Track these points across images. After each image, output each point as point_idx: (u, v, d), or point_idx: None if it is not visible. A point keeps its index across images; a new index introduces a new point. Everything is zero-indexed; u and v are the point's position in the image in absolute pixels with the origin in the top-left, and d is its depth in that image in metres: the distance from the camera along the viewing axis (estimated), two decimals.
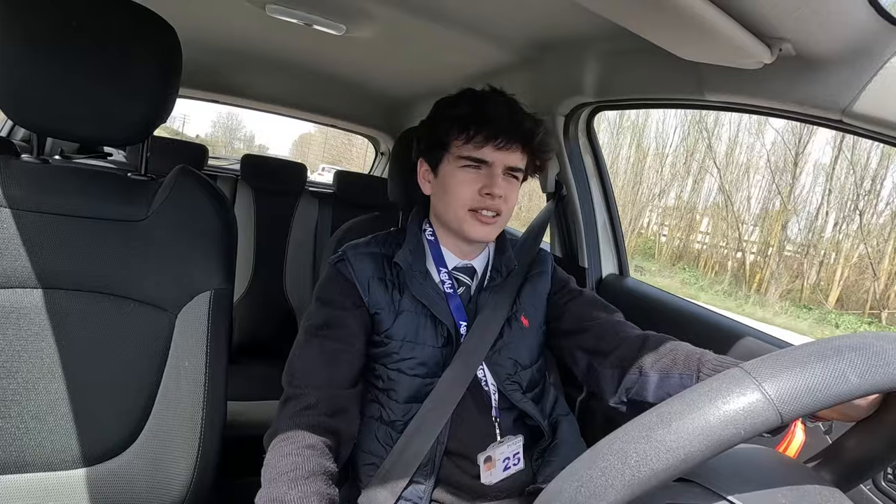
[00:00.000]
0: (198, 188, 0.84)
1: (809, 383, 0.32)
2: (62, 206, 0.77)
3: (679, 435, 0.31)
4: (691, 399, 0.33)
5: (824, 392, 0.32)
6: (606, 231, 1.39)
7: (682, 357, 0.74)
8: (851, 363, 0.33)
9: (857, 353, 0.33)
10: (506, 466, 0.81)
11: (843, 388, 0.32)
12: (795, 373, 0.32)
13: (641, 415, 0.34)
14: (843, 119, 0.71)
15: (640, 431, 0.32)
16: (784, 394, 0.31)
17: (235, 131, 27.13)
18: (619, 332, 0.83)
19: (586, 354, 0.85)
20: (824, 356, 0.33)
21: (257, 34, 1.51)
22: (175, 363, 0.80)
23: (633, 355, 0.79)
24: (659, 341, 0.79)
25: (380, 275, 0.83)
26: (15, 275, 0.74)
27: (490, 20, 1.11)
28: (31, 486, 0.75)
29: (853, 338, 0.35)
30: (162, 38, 0.78)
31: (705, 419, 0.31)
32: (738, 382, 0.32)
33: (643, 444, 0.31)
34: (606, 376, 0.81)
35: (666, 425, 0.32)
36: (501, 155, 0.80)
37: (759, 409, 0.31)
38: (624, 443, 0.32)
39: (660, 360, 0.76)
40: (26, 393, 0.75)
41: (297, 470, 0.64)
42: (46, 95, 0.72)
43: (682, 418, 0.32)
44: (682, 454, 0.30)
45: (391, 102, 2.08)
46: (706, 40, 0.70)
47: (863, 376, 0.32)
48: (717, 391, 0.32)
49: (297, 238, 2.07)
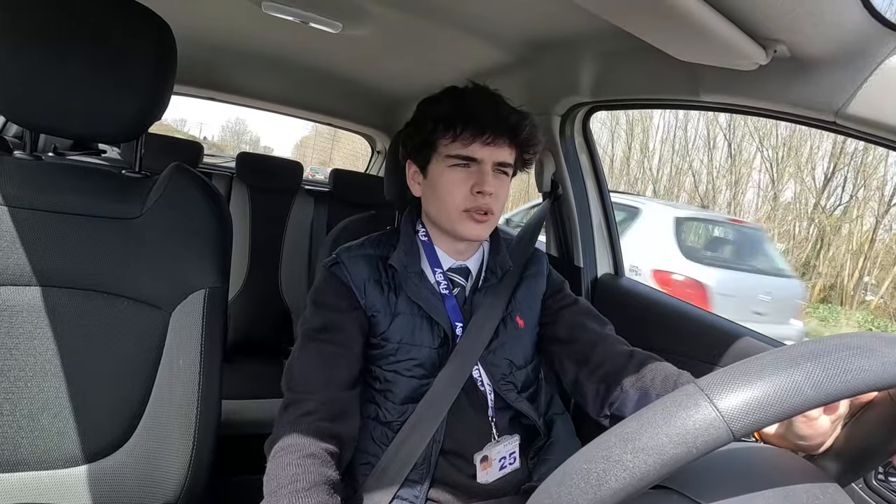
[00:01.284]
0: (192, 186, 0.84)
1: (760, 398, 0.31)
2: (56, 203, 0.77)
3: (635, 455, 0.31)
4: (647, 418, 0.33)
5: (777, 406, 0.31)
6: (602, 231, 1.39)
7: (660, 377, 0.75)
8: (807, 374, 0.32)
9: (813, 362, 0.32)
10: (502, 466, 0.82)
11: (798, 400, 0.31)
12: (748, 387, 0.32)
13: (604, 433, 0.34)
14: (837, 121, 0.71)
15: (600, 451, 0.33)
16: (735, 409, 0.31)
17: (242, 135, 27.77)
18: (608, 348, 0.84)
19: (574, 366, 0.85)
20: (779, 367, 0.33)
21: (253, 31, 1.50)
22: (169, 361, 0.80)
23: (617, 372, 0.80)
24: (643, 360, 0.80)
25: (375, 277, 0.83)
26: (7, 272, 0.74)
27: (486, 19, 1.11)
28: (25, 484, 0.75)
29: (812, 345, 0.34)
30: (157, 34, 0.77)
31: (657, 439, 0.31)
32: (691, 399, 0.32)
33: (602, 464, 0.32)
34: (591, 391, 0.82)
35: (623, 444, 0.32)
36: (490, 151, 0.80)
37: (710, 426, 0.31)
38: (587, 462, 0.33)
39: (640, 379, 0.77)
40: (19, 391, 0.74)
41: (298, 482, 0.64)
42: (39, 91, 0.71)
43: (637, 438, 0.32)
44: (637, 473, 0.31)
45: (387, 101, 2.07)
46: (702, 41, 0.70)
47: (818, 387, 0.32)
48: (670, 409, 0.32)
49: (293, 237, 2.07)
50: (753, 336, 1.00)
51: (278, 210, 2.06)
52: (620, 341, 0.86)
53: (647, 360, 0.80)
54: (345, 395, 0.77)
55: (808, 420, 0.47)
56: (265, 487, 0.66)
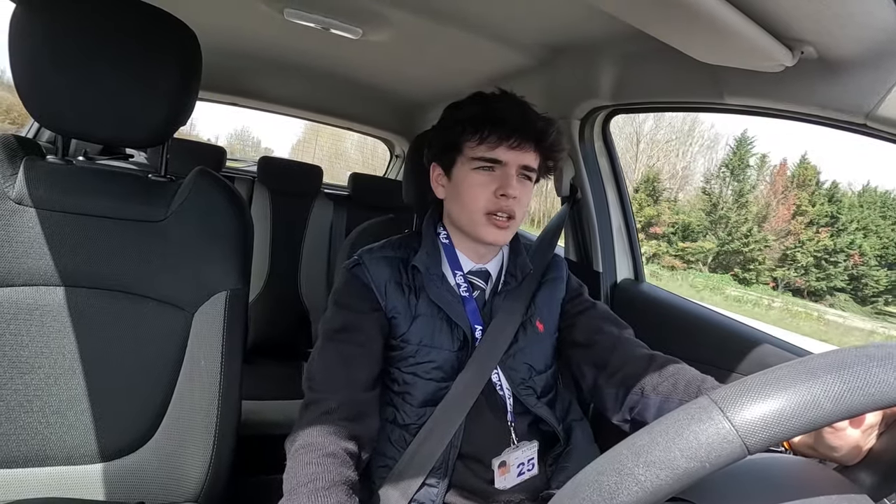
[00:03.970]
0: (216, 189, 0.86)
1: (777, 411, 0.30)
2: (85, 205, 0.79)
3: (647, 468, 0.30)
4: (659, 431, 0.32)
5: (795, 420, 0.30)
6: (622, 235, 1.37)
7: (683, 382, 0.74)
8: (825, 386, 0.31)
9: (833, 375, 0.31)
10: (520, 472, 0.81)
11: (816, 414, 0.30)
12: (764, 400, 0.31)
13: (617, 445, 0.34)
14: (868, 123, 0.69)
15: (612, 464, 0.32)
16: (750, 424, 0.30)
17: (245, 139, 29.64)
18: (627, 351, 0.83)
19: (593, 369, 0.84)
20: (796, 380, 0.31)
21: (275, 38, 1.53)
22: (191, 362, 0.82)
23: (637, 375, 0.78)
24: (664, 363, 0.78)
25: (396, 279, 0.83)
26: (39, 273, 0.76)
27: (505, 24, 1.11)
28: (52, 478, 0.77)
29: (831, 356, 0.33)
30: (183, 42, 0.79)
31: (670, 453, 0.30)
32: (704, 412, 0.31)
33: (615, 477, 0.31)
34: (610, 395, 0.81)
35: (635, 458, 0.31)
36: (515, 154, 0.80)
37: (724, 441, 0.30)
38: (599, 474, 0.32)
39: (662, 383, 0.75)
40: (48, 388, 0.77)
41: (316, 481, 0.64)
42: (71, 99, 0.74)
43: (649, 451, 0.31)
44: (649, 487, 0.30)
45: (406, 105, 2.09)
46: (725, 43, 0.69)
47: (837, 401, 0.30)
48: (682, 422, 0.32)
49: (312, 239, 2.09)
50: (777, 344, 0.98)
51: (298, 213, 2.09)
52: (640, 345, 0.85)
53: (667, 363, 0.78)
54: (365, 396, 0.77)
55: (835, 431, 0.46)
56: (284, 485, 0.66)
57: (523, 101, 0.83)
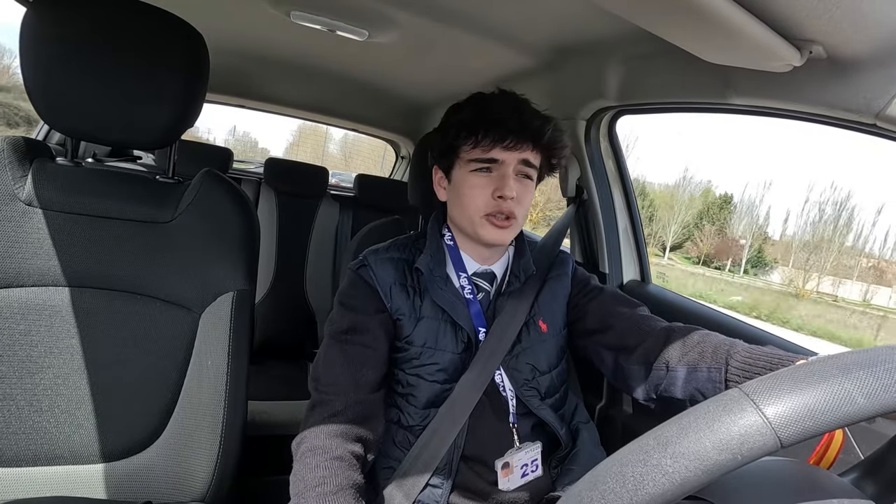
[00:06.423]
0: (222, 191, 0.86)
1: (811, 405, 0.30)
2: (93, 207, 0.80)
3: (675, 460, 0.30)
4: (688, 422, 0.32)
5: (828, 414, 0.30)
6: (628, 237, 1.37)
7: (710, 349, 0.72)
8: (859, 382, 0.31)
9: (866, 371, 0.31)
10: (524, 473, 0.81)
11: (850, 409, 0.30)
12: (796, 394, 0.31)
13: (641, 436, 0.33)
14: (878, 123, 0.69)
15: (637, 455, 0.32)
16: (783, 417, 0.30)
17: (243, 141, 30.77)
18: (644, 327, 0.81)
19: (612, 352, 0.83)
20: (829, 375, 0.31)
21: (282, 40, 1.53)
22: (198, 362, 0.82)
23: (658, 349, 0.77)
24: (685, 332, 0.77)
25: (401, 280, 0.83)
26: (48, 273, 0.77)
27: (511, 25, 1.11)
28: (60, 478, 0.78)
29: (863, 353, 0.33)
30: (190, 44, 0.80)
31: (701, 444, 0.30)
32: (736, 405, 0.31)
33: (640, 468, 0.31)
34: (633, 373, 0.80)
35: (662, 449, 0.31)
36: (512, 154, 0.79)
37: (757, 433, 0.30)
38: (622, 465, 0.32)
39: (687, 354, 0.74)
40: (57, 388, 0.77)
41: (325, 484, 0.64)
42: (80, 101, 0.74)
43: (678, 443, 0.31)
44: (677, 479, 0.30)
45: (412, 107, 2.09)
46: (733, 43, 0.69)
47: (871, 397, 0.30)
48: (714, 414, 0.31)
49: (318, 241, 2.10)
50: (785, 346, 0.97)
51: (304, 214, 2.10)
52: (656, 319, 0.83)
53: (689, 332, 0.76)
54: (370, 398, 0.77)
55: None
56: (292, 488, 0.66)
57: (522, 99, 0.83)
